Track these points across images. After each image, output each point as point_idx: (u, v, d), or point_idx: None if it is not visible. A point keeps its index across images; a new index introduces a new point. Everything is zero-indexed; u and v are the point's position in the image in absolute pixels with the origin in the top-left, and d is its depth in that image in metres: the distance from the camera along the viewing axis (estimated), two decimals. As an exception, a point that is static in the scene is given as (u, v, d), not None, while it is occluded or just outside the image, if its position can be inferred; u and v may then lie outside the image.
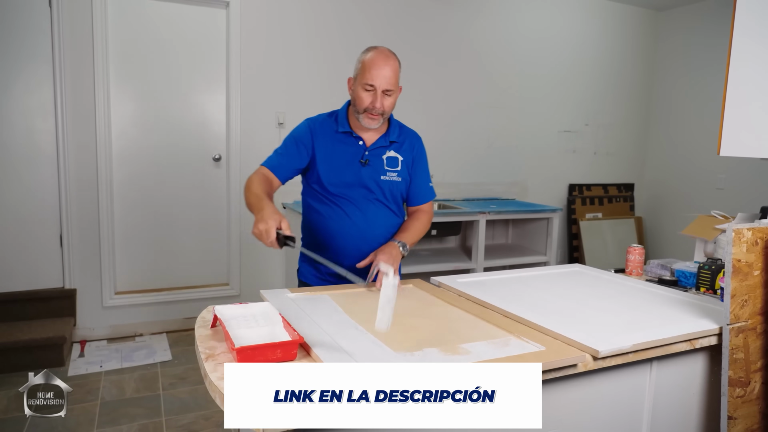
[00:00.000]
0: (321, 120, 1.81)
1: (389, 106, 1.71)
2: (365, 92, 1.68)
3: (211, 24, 3.60)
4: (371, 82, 1.65)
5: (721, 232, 2.03)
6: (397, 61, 1.71)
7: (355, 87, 1.72)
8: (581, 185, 5.07)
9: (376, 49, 1.70)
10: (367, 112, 1.70)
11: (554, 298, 1.62)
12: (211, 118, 3.69)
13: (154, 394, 2.79)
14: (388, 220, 1.82)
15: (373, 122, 1.72)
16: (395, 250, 1.70)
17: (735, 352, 1.40)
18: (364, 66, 1.67)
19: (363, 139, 1.79)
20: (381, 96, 1.68)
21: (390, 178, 1.80)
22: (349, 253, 1.77)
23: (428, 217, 1.91)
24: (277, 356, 1.09)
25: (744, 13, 1.65)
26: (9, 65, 3.16)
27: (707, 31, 4.83)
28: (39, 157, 3.28)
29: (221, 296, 3.77)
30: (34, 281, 3.35)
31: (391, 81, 1.67)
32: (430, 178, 1.94)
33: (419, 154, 1.89)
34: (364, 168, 1.77)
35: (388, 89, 1.68)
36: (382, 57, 1.67)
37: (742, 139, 1.69)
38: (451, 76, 4.33)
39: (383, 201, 1.80)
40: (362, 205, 1.77)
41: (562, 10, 4.75)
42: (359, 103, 1.70)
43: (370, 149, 1.79)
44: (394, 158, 1.82)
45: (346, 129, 1.78)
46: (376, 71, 1.65)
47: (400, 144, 1.84)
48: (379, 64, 1.66)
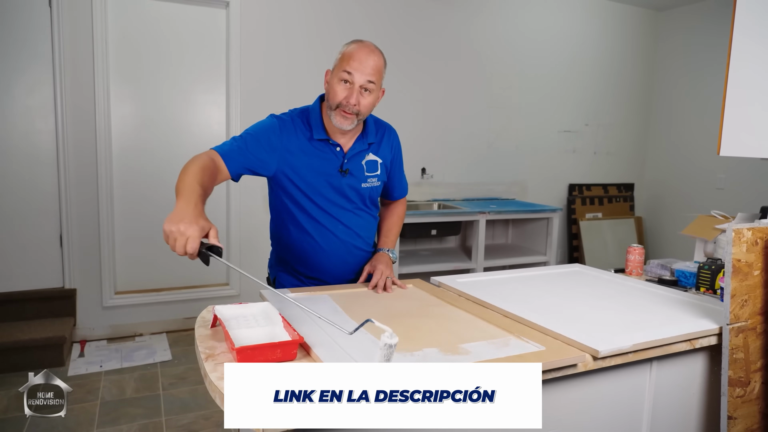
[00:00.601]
0: (292, 122, 1.59)
1: (366, 106, 1.52)
2: (341, 84, 1.49)
3: (211, 24, 3.60)
4: (349, 70, 1.47)
5: (721, 232, 2.03)
6: (383, 59, 1.54)
7: (330, 79, 1.53)
8: (581, 185, 5.07)
9: (361, 42, 1.53)
10: (340, 108, 1.51)
11: (554, 298, 1.62)
12: (210, 118, 3.69)
13: (154, 394, 2.79)
14: (369, 225, 1.75)
15: (346, 122, 1.52)
16: (387, 259, 1.72)
17: (735, 352, 1.40)
18: (344, 56, 1.50)
19: (340, 144, 1.61)
20: (358, 91, 1.49)
21: (370, 184, 1.69)
22: (331, 265, 1.70)
23: (404, 207, 1.91)
24: (277, 356, 1.09)
25: (744, 13, 1.65)
26: (9, 65, 3.16)
27: (707, 30, 4.83)
28: (39, 157, 3.28)
29: (221, 296, 3.77)
30: (34, 281, 3.35)
31: (372, 75, 1.49)
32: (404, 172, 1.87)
33: (397, 151, 1.77)
34: (344, 178, 1.62)
35: (369, 83, 1.49)
36: (366, 50, 1.50)
37: (742, 139, 1.69)
38: (452, 76, 4.33)
39: (363, 209, 1.71)
40: (343, 216, 1.66)
41: (562, 9, 4.76)
42: (332, 97, 1.51)
43: (349, 156, 1.63)
44: (373, 162, 1.68)
45: (323, 137, 1.58)
46: (356, 63, 1.47)
47: (378, 144, 1.70)
48: (361, 56, 1.48)
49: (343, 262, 1.71)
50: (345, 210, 1.66)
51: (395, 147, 1.76)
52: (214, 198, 3.74)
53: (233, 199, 3.74)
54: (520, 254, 4.24)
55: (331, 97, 1.52)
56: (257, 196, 3.80)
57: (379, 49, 1.55)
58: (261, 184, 3.80)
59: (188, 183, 1.26)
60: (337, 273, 1.72)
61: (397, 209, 1.89)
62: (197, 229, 1.12)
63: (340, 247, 1.68)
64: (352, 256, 1.72)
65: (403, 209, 1.91)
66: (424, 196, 4.32)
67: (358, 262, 1.75)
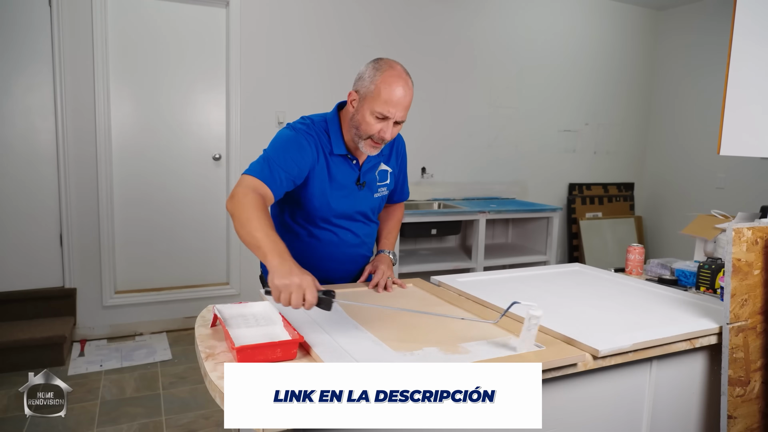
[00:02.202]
0: (311, 134, 1.55)
1: (395, 134, 1.52)
2: (375, 119, 1.46)
3: (211, 23, 3.60)
4: (386, 113, 1.44)
5: (721, 231, 2.03)
6: (412, 84, 1.49)
7: (361, 109, 1.48)
8: (581, 184, 5.07)
9: (392, 70, 1.45)
10: (371, 139, 1.50)
11: (554, 297, 1.62)
12: (210, 118, 3.69)
13: (154, 393, 2.79)
14: (373, 233, 1.81)
15: (375, 150, 1.53)
16: (388, 260, 1.74)
17: (735, 351, 1.40)
18: (378, 91, 1.44)
19: (357, 158, 1.63)
20: (392, 125, 1.48)
21: (381, 193, 1.72)
22: (340, 269, 1.74)
23: (402, 211, 1.95)
24: (277, 355, 1.09)
25: (744, 14, 1.65)
26: (9, 64, 3.16)
27: (708, 30, 4.82)
28: (39, 157, 3.28)
29: (221, 296, 3.77)
30: (34, 280, 3.35)
31: (406, 109, 1.48)
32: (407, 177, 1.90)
33: (403, 158, 1.80)
34: (360, 191, 1.65)
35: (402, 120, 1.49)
36: (401, 83, 1.44)
37: (742, 138, 1.69)
38: (452, 75, 4.33)
39: (372, 218, 1.75)
40: (353, 226, 1.69)
41: (562, 9, 4.75)
42: (365, 129, 1.48)
43: (364, 169, 1.65)
44: (384, 172, 1.72)
45: (343, 152, 1.58)
46: (395, 103, 1.43)
47: (388, 155, 1.72)
48: (399, 95, 1.44)
49: (345, 269, 1.76)
50: (355, 221, 1.70)
51: (401, 154, 1.79)
52: (215, 197, 3.74)
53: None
54: (520, 254, 4.24)
55: (363, 128, 1.49)
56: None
57: (409, 76, 1.50)
58: (261, 183, 3.79)
59: (269, 236, 1.24)
60: (336, 276, 1.75)
61: (396, 213, 1.93)
62: (310, 280, 1.16)
63: (346, 253, 1.72)
64: (354, 264, 1.77)
65: (401, 213, 1.96)
66: (424, 195, 4.32)
67: (358, 268, 1.79)
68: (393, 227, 1.88)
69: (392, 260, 1.76)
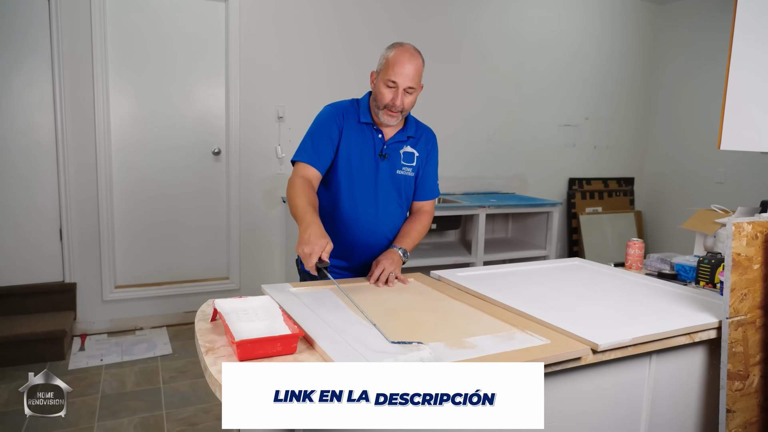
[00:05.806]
0: (346, 106, 1.81)
1: (409, 104, 1.72)
2: (387, 89, 1.69)
3: (211, 17, 3.59)
4: (394, 79, 1.66)
5: (720, 226, 2.03)
6: (421, 59, 1.72)
7: (377, 82, 1.73)
8: (581, 179, 5.07)
9: (401, 47, 1.70)
10: (387, 108, 1.70)
11: (554, 292, 1.62)
12: (210, 112, 3.68)
13: (155, 387, 2.80)
14: (396, 217, 1.85)
15: (392, 119, 1.73)
16: (396, 255, 1.73)
17: (734, 345, 1.41)
18: (388, 63, 1.68)
19: (382, 132, 1.80)
20: (402, 93, 1.68)
21: (405, 173, 1.83)
22: (357, 245, 1.80)
23: (429, 219, 1.92)
24: (277, 350, 1.09)
25: (744, 13, 1.65)
26: (8, 60, 3.15)
27: (708, 24, 4.81)
28: (38, 152, 3.27)
29: (221, 290, 3.77)
30: (34, 275, 3.35)
31: (413, 79, 1.68)
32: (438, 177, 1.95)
33: (433, 150, 1.91)
34: (382, 162, 1.79)
35: (410, 87, 1.68)
36: (407, 55, 1.68)
37: (742, 133, 1.69)
38: (452, 70, 4.32)
39: (395, 196, 1.83)
40: (375, 198, 1.79)
41: (562, 2, 4.73)
42: (380, 99, 1.70)
43: (389, 143, 1.81)
44: (410, 153, 1.84)
45: (368, 120, 1.78)
46: (400, 69, 1.66)
47: (416, 139, 1.86)
48: (403, 62, 1.67)
49: (365, 242, 1.80)
50: (379, 193, 1.79)
51: (432, 147, 1.91)
52: (214, 192, 3.74)
53: (233, 194, 3.74)
54: (520, 248, 4.24)
55: (379, 99, 1.71)
56: (257, 191, 3.80)
57: (417, 52, 1.73)
58: (260, 178, 3.80)
59: (299, 208, 1.55)
60: (360, 256, 1.82)
61: (421, 218, 1.90)
62: (319, 249, 1.42)
63: (366, 225, 1.78)
64: (375, 239, 1.81)
65: (427, 221, 1.92)
66: (424, 190, 4.31)
67: (378, 252, 1.80)
68: (412, 229, 1.86)
69: (402, 257, 1.75)
